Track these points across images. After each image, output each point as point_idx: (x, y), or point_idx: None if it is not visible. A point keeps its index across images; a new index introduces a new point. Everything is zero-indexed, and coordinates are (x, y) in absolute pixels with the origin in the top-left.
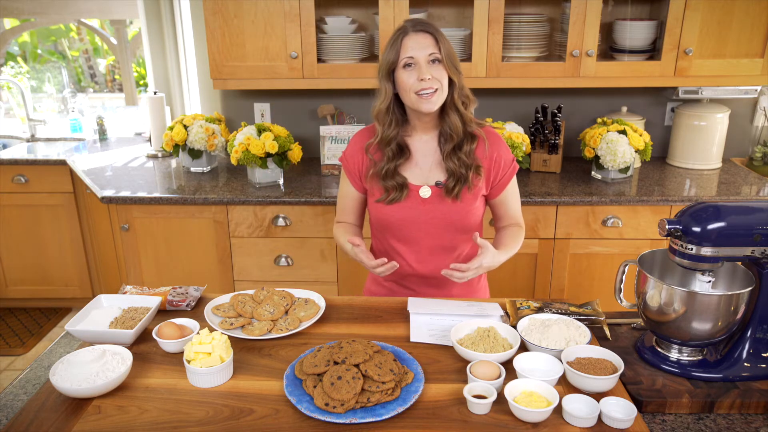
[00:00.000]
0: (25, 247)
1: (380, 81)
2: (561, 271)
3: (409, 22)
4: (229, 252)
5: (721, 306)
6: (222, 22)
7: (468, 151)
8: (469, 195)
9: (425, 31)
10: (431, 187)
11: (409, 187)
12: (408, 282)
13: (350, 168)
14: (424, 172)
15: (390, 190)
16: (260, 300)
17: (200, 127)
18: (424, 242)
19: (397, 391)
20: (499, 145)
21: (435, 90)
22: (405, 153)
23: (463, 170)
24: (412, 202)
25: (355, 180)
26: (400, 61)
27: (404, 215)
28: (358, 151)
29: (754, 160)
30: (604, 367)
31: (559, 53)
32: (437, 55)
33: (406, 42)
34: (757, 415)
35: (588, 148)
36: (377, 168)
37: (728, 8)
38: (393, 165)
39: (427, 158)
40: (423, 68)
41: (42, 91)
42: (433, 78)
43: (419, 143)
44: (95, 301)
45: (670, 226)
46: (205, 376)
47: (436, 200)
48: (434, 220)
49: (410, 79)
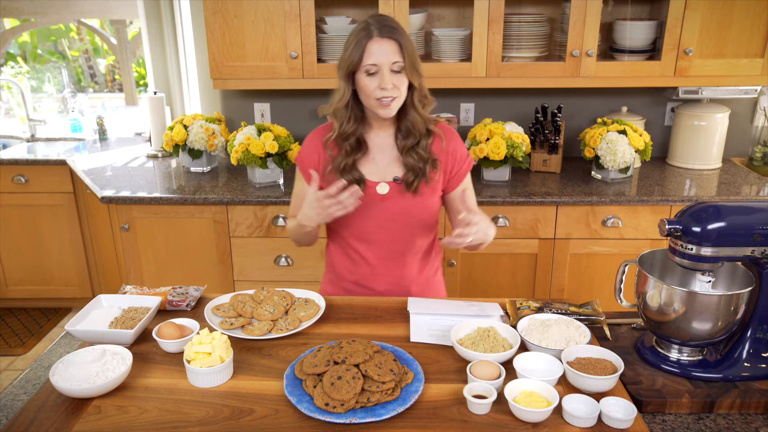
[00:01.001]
0: (25, 247)
1: (340, 79)
2: (561, 271)
3: (375, 22)
4: (229, 252)
5: (721, 306)
6: (222, 22)
7: (425, 145)
8: (427, 189)
9: (390, 38)
10: (389, 183)
11: (366, 184)
12: (366, 281)
13: (306, 166)
14: (380, 169)
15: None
16: (260, 300)
17: (200, 127)
18: (384, 239)
19: (397, 391)
20: (455, 140)
21: (395, 98)
22: (363, 147)
23: (421, 165)
24: (370, 199)
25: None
26: (363, 66)
27: (363, 213)
28: (314, 149)
29: (754, 160)
30: (604, 367)
31: (559, 53)
32: (401, 63)
33: (371, 47)
34: (757, 415)
35: (588, 148)
36: (335, 163)
37: (728, 8)
38: (351, 159)
39: (384, 154)
40: (385, 77)
41: (42, 91)
42: (394, 87)
43: (376, 139)
44: (95, 301)
45: (670, 226)
46: (205, 376)
47: (394, 196)
48: (393, 216)
49: (371, 85)
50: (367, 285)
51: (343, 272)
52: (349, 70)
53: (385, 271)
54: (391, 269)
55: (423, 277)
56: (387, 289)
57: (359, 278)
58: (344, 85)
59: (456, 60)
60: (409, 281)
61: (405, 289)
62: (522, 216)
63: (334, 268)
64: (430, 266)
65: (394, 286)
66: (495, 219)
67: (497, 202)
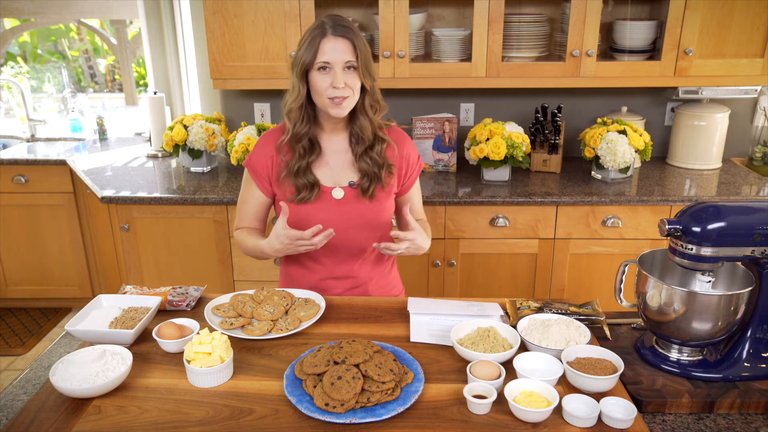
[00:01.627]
0: (25, 247)
1: (293, 78)
2: (561, 271)
3: (329, 21)
4: (229, 252)
5: (721, 306)
6: (222, 22)
7: (379, 150)
8: (382, 193)
9: (344, 36)
10: (344, 188)
11: (321, 189)
12: (324, 284)
13: (258, 171)
14: (335, 173)
15: (301, 188)
16: (260, 300)
17: (200, 127)
18: (340, 244)
19: (397, 391)
20: (407, 144)
21: (346, 97)
22: (316, 149)
23: (375, 170)
24: (325, 204)
25: (263, 183)
26: (316, 64)
27: (319, 218)
28: (267, 153)
29: (754, 160)
30: (604, 367)
31: (559, 53)
32: (353, 63)
33: (324, 45)
34: (757, 415)
35: (588, 148)
36: (289, 166)
37: (728, 8)
38: (305, 162)
39: (338, 158)
40: (338, 75)
41: (42, 91)
42: (346, 86)
43: (329, 143)
44: (95, 301)
45: (670, 226)
46: (205, 376)
47: (350, 201)
48: (350, 221)
49: (323, 84)
50: (323, 289)
51: (298, 279)
52: (303, 68)
53: (341, 275)
54: (347, 272)
55: (378, 275)
56: (344, 293)
57: (315, 283)
58: (298, 84)
59: (456, 60)
60: (366, 281)
61: (363, 290)
62: (522, 216)
63: (290, 275)
64: (385, 263)
65: (351, 288)
66: (495, 219)
67: (497, 202)
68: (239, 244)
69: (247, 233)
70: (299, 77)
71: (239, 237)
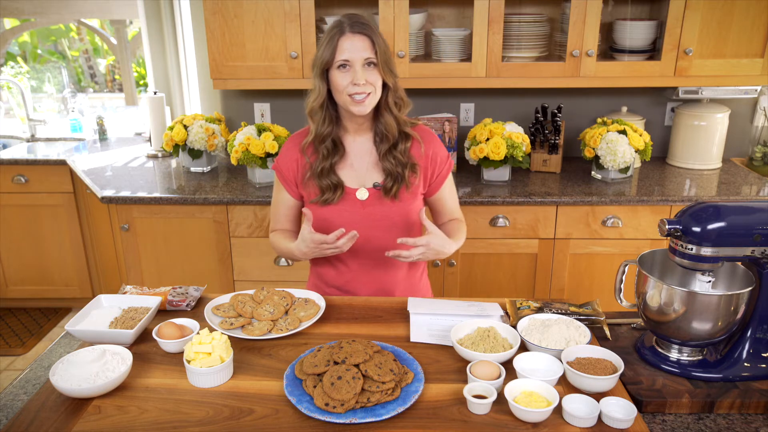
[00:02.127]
0: (25, 247)
1: (314, 78)
2: (561, 271)
3: (347, 19)
4: (229, 252)
5: (721, 306)
6: (222, 22)
7: (403, 149)
8: (407, 194)
9: (362, 33)
10: (369, 189)
11: (345, 190)
12: (351, 287)
13: (285, 174)
14: (359, 174)
15: (325, 190)
16: (260, 300)
17: (200, 127)
18: (366, 245)
19: (397, 391)
20: (434, 143)
21: (368, 94)
22: (340, 150)
23: (399, 169)
24: (350, 206)
25: (290, 186)
26: (335, 62)
27: (344, 218)
28: (292, 156)
29: (754, 160)
30: (604, 367)
31: (559, 53)
32: (373, 59)
33: (342, 43)
34: (757, 415)
35: (588, 148)
36: (313, 167)
37: (728, 8)
38: (329, 163)
39: (363, 159)
40: (357, 72)
41: (42, 91)
42: (367, 82)
43: (354, 144)
44: (95, 301)
45: (670, 226)
46: (205, 376)
47: (375, 202)
48: (375, 222)
49: (344, 81)
50: (351, 291)
51: (327, 279)
52: (323, 67)
53: (368, 278)
54: (375, 275)
55: (408, 282)
56: (372, 295)
57: (343, 284)
58: (319, 83)
59: (456, 60)
60: (393, 286)
61: (390, 294)
62: (522, 216)
63: (318, 274)
64: (415, 269)
65: (378, 292)
66: (495, 219)
67: (497, 202)
68: (273, 246)
69: (281, 236)
70: (319, 77)
71: (273, 239)
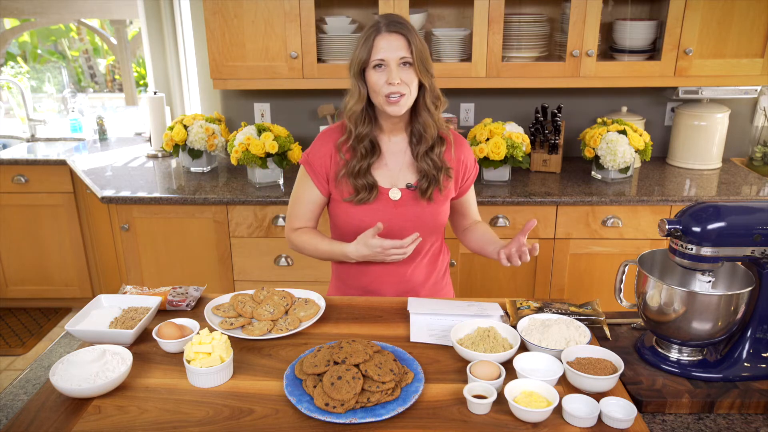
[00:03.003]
0: (25, 247)
1: (352, 79)
2: (561, 271)
3: (384, 19)
4: (229, 252)
5: (721, 306)
6: (222, 22)
7: (439, 153)
8: (440, 197)
9: (398, 33)
10: (401, 189)
11: (379, 190)
12: (375, 287)
13: (316, 170)
14: (393, 174)
15: (360, 189)
16: (260, 300)
17: (200, 127)
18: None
19: (397, 391)
20: (465, 147)
21: (402, 95)
22: (377, 151)
23: (435, 172)
24: (382, 205)
25: (320, 182)
26: (371, 61)
27: (375, 218)
28: (326, 151)
29: (754, 160)
30: (604, 367)
31: (559, 53)
32: (408, 59)
33: (378, 42)
34: (757, 415)
35: (588, 148)
36: (349, 166)
37: (728, 8)
38: (365, 163)
39: (397, 159)
40: (393, 71)
41: (42, 91)
42: (402, 82)
43: (389, 144)
44: (95, 301)
45: (670, 226)
46: (205, 376)
47: (407, 202)
48: (405, 222)
49: (380, 81)
50: (375, 291)
51: (350, 279)
52: (359, 67)
53: (393, 278)
54: (400, 275)
55: (431, 281)
56: (396, 296)
57: (367, 284)
58: (356, 84)
59: (456, 60)
60: (417, 286)
61: (414, 294)
62: (522, 216)
63: (342, 274)
64: (438, 270)
65: (402, 293)
66: (495, 219)
67: (497, 202)
68: (300, 245)
69: (316, 236)
70: (357, 77)
71: (302, 239)
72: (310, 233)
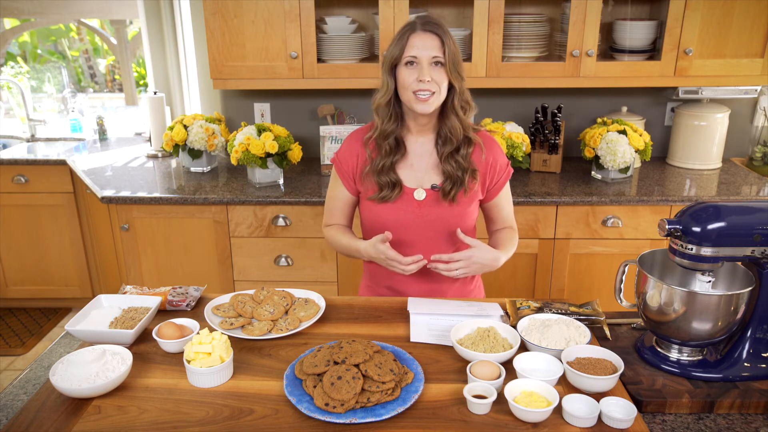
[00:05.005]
0: (25, 247)
1: (383, 74)
2: (561, 271)
3: (420, 19)
4: (229, 252)
5: (721, 306)
6: (222, 22)
7: (465, 154)
8: (465, 198)
9: (433, 32)
10: (426, 190)
11: (404, 189)
12: (403, 287)
13: (344, 169)
14: (418, 175)
15: (383, 187)
16: (260, 300)
17: (200, 127)
18: (419, 246)
19: (397, 391)
20: (495, 150)
21: (432, 93)
22: (401, 149)
23: (459, 173)
24: (407, 205)
25: (348, 181)
26: (403, 58)
27: (399, 217)
28: (353, 151)
29: (754, 160)
30: (604, 367)
31: (559, 53)
32: (440, 59)
33: (413, 39)
34: (757, 415)
35: (588, 148)
36: (373, 163)
37: (728, 8)
38: (390, 160)
39: (423, 160)
40: (424, 69)
41: (42, 91)
42: (432, 81)
43: (415, 144)
44: (95, 301)
45: (670, 226)
46: (205, 376)
47: (431, 203)
48: (430, 224)
49: (410, 78)
50: (403, 291)
51: (379, 277)
52: (392, 63)
53: (421, 279)
54: (428, 276)
55: (459, 284)
56: (422, 296)
57: (395, 284)
58: (387, 79)
59: None
60: (446, 288)
61: (441, 294)
62: (522, 216)
63: (371, 273)
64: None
65: (429, 293)
66: None
67: None
68: (330, 240)
69: (341, 231)
70: (388, 72)
71: (330, 234)
72: (336, 229)
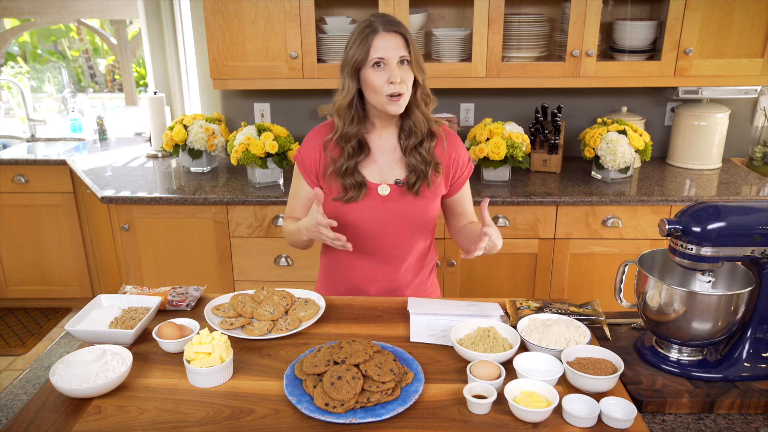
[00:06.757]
0: (25, 247)
1: (344, 77)
2: (561, 271)
3: (378, 19)
4: (229, 252)
5: (721, 306)
6: (222, 22)
7: (428, 147)
8: (428, 192)
9: (396, 32)
10: (390, 185)
11: (368, 186)
12: (362, 285)
13: (306, 166)
14: (382, 170)
15: (348, 188)
16: (260, 300)
17: (200, 127)
18: (382, 241)
19: (397, 391)
20: (457, 145)
21: (402, 93)
22: (365, 150)
23: (423, 166)
24: (371, 201)
25: (311, 178)
26: (369, 61)
27: (363, 214)
28: (315, 148)
29: (754, 160)
30: (604, 367)
31: (559, 53)
32: (407, 57)
33: (377, 41)
34: (757, 415)
35: (588, 148)
36: (336, 165)
37: (728, 8)
38: (353, 162)
39: (386, 155)
40: (394, 70)
41: (42, 91)
42: (402, 81)
43: (378, 140)
44: (95, 301)
45: (670, 226)
46: (205, 376)
47: (395, 198)
48: (394, 219)
49: (379, 80)
50: (362, 289)
51: (337, 276)
52: (355, 66)
53: (381, 276)
54: (387, 273)
55: (417, 281)
56: (381, 294)
57: (355, 282)
58: (349, 82)
59: (456, 60)
60: (404, 285)
61: (399, 293)
62: (522, 216)
63: (329, 271)
64: (425, 270)
65: (388, 291)
66: (495, 219)
67: (497, 202)
68: (285, 232)
69: (293, 221)
70: (350, 76)
71: (285, 225)
72: (291, 221)
